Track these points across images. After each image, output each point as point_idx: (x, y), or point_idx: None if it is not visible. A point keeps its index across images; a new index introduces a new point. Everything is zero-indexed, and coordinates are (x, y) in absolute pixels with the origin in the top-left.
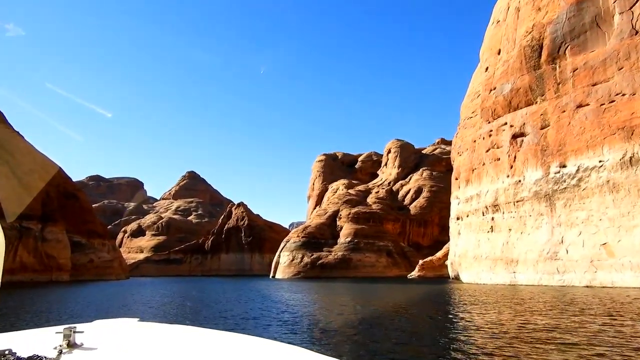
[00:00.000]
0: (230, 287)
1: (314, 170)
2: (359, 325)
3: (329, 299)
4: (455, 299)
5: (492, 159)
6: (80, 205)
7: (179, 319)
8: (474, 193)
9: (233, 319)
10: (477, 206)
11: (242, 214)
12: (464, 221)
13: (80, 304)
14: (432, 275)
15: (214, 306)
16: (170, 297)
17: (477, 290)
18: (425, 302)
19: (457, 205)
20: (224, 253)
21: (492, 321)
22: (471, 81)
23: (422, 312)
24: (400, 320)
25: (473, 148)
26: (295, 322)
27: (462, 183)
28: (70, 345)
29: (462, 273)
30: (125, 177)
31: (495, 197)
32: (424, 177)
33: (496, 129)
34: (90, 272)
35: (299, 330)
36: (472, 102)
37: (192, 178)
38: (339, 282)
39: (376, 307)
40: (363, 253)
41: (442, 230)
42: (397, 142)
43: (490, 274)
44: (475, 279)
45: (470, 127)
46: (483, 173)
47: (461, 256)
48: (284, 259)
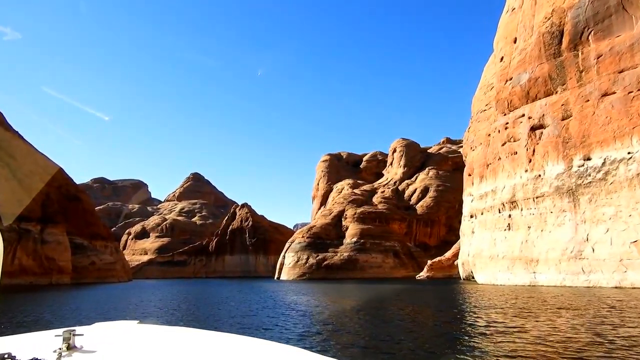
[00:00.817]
0: (235, 289)
1: (319, 171)
2: (384, 339)
3: (339, 304)
4: (478, 301)
5: (509, 153)
6: (82, 207)
7: (180, 321)
8: (489, 189)
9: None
10: (493, 203)
11: (247, 215)
12: (478, 219)
13: (79, 307)
14: (441, 276)
15: (220, 315)
16: (168, 301)
17: (497, 291)
18: (447, 305)
19: (470, 202)
20: (228, 254)
21: (539, 331)
22: (483, 74)
23: (450, 319)
24: (428, 330)
25: (487, 142)
26: (311, 331)
27: (476, 179)
28: (70, 348)
29: (477, 273)
30: (129, 179)
31: (512, 193)
32: (430, 176)
33: (513, 121)
34: (92, 274)
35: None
36: (485, 94)
37: (196, 180)
38: (345, 284)
39: (397, 314)
40: (369, 253)
41: (449, 230)
42: (403, 141)
43: (508, 274)
44: (491, 280)
45: (484, 120)
46: (499, 168)
47: (475, 256)
48: (289, 260)
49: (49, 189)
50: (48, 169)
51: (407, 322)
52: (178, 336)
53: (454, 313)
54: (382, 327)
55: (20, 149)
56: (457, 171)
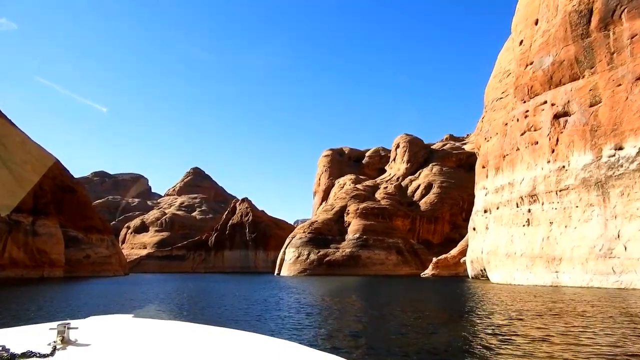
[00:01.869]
0: (233, 286)
1: (320, 166)
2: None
3: (344, 302)
4: (502, 303)
5: (529, 143)
6: (78, 199)
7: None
8: (506, 182)
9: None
10: (510, 197)
11: (247, 210)
12: (493, 214)
13: (72, 301)
14: (447, 274)
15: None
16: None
17: (516, 292)
18: (465, 308)
19: (484, 196)
20: (227, 250)
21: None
22: (498, 61)
23: (479, 325)
24: (449, 337)
25: (504, 132)
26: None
27: (491, 171)
28: (65, 341)
29: (492, 272)
30: (130, 173)
31: (532, 185)
32: (434, 172)
33: (533, 108)
34: (86, 268)
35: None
36: (501, 82)
37: (196, 174)
38: (348, 281)
39: (412, 316)
40: (372, 250)
41: (453, 228)
42: (406, 137)
43: (527, 273)
44: (508, 279)
45: (500, 109)
46: (517, 159)
47: (490, 253)
48: (290, 255)
49: (42, 180)
50: (42, 160)
51: (426, 326)
52: (173, 330)
53: (480, 317)
54: (395, 330)
55: (12, 137)
56: (461, 168)
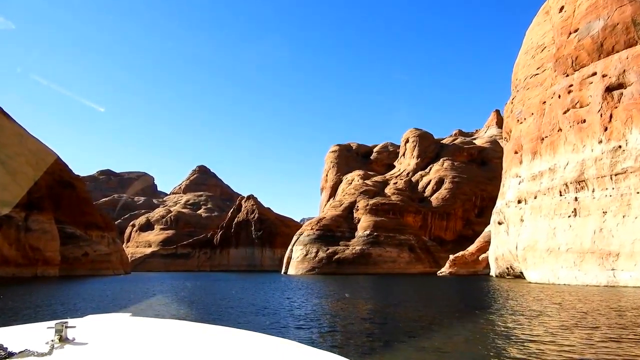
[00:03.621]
0: (237, 286)
1: (327, 161)
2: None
3: (382, 311)
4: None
5: (574, 122)
6: (77, 195)
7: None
8: (546, 168)
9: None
10: (551, 184)
11: (252, 207)
12: (529, 204)
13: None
14: (465, 272)
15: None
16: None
17: (573, 293)
18: (521, 320)
19: (517, 185)
20: (233, 248)
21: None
22: (526, 37)
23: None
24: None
25: (542, 111)
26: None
27: (526, 156)
28: (62, 340)
29: (529, 270)
30: (136, 172)
31: (580, 170)
32: (445, 167)
33: (579, 82)
34: (84, 266)
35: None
36: (534, 58)
37: (202, 172)
38: (360, 280)
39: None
40: (383, 247)
41: (466, 224)
42: (416, 131)
43: (575, 271)
44: (550, 278)
45: (536, 86)
46: (559, 141)
47: (527, 249)
48: (297, 253)
49: (37, 174)
50: (39, 154)
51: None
52: (172, 329)
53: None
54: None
55: (5, 129)
56: (473, 163)
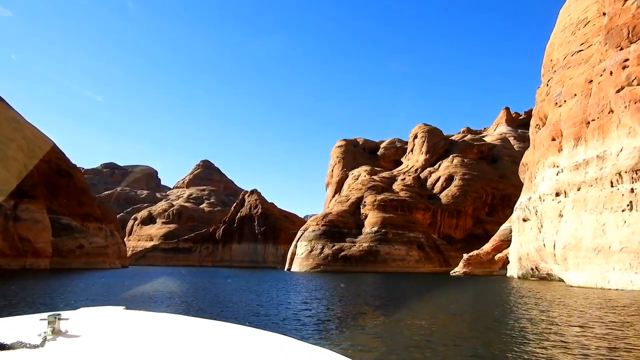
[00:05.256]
0: (242, 284)
1: (333, 156)
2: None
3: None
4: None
5: (630, 101)
6: (75, 185)
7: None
8: (593, 155)
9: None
10: (600, 174)
11: (256, 202)
12: (571, 197)
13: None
14: (481, 273)
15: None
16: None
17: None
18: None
19: (555, 175)
20: (236, 243)
21: None
22: (561, 16)
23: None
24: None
25: (587, 91)
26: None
27: (567, 143)
28: (55, 332)
29: (570, 272)
30: (140, 165)
31: (638, 157)
32: (455, 164)
33: (637, 56)
34: (79, 259)
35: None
36: (575, 34)
37: (206, 167)
38: (370, 279)
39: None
40: (392, 245)
41: (476, 223)
42: (425, 127)
43: (631, 274)
44: (599, 282)
45: (579, 64)
46: (611, 124)
47: (568, 248)
48: (302, 249)
49: (30, 161)
50: (34, 140)
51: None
52: (165, 322)
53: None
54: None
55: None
56: (483, 160)
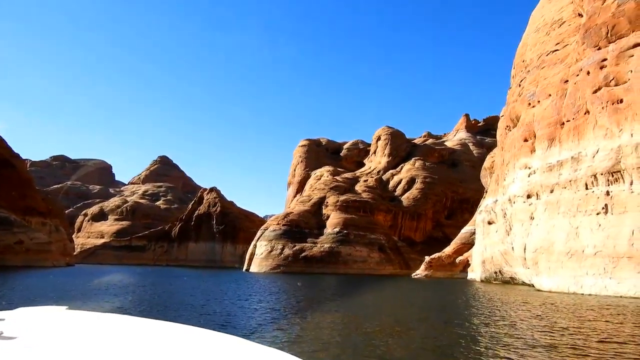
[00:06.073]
0: (193, 285)
1: (296, 156)
2: None
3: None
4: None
5: (608, 102)
6: (18, 176)
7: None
8: (567, 156)
9: None
10: (574, 175)
11: (215, 200)
12: (544, 199)
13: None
14: (442, 275)
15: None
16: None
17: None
18: None
19: (527, 177)
20: (192, 242)
21: None
22: (533, 17)
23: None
24: None
25: (563, 92)
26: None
27: (541, 144)
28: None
29: (542, 276)
30: (93, 159)
31: (614, 159)
32: (417, 167)
33: (616, 55)
34: (18, 256)
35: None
36: (549, 34)
37: (164, 163)
38: (332, 281)
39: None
40: (353, 246)
41: (436, 226)
42: (388, 130)
43: (606, 279)
44: (572, 287)
45: (555, 64)
46: (586, 125)
47: (539, 251)
48: (261, 249)
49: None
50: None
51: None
52: (108, 322)
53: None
54: None
55: None
56: (444, 164)
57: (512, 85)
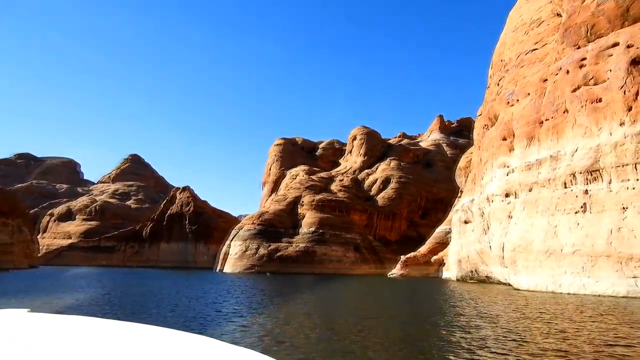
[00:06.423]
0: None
1: (271, 155)
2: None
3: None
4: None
5: (587, 101)
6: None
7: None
8: (546, 155)
9: None
10: (553, 174)
11: (188, 199)
12: (522, 198)
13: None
14: (418, 274)
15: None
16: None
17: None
18: None
19: (506, 175)
20: (164, 242)
21: None
22: (511, 17)
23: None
24: None
25: (542, 91)
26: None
27: (520, 142)
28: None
29: (520, 275)
30: (59, 157)
31: (593, 157)
32: (392, 167)
33: (595, 54)
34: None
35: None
36: (528, 34)
37: (135, 162)
38: (309, 281)
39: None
40: (329, 246)
41: (410, 225)
42: (364, 129)
43: (584, 278)
44: (550, 285)
45: (534, 62)
46: (566, 124)
47: (517, 250)
48: (235, 249)
49: None
50: None
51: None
52: (71, 325)
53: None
54: None
55: None
56: (418, 164)
57: (489, 84)
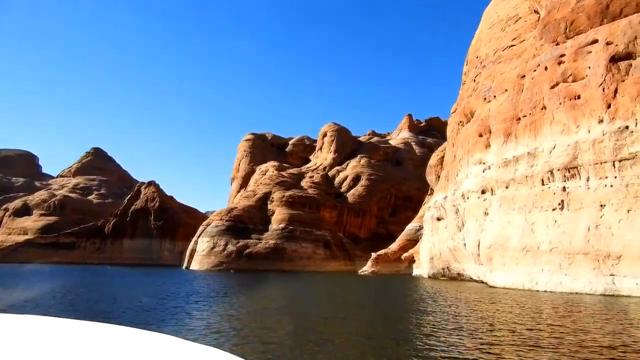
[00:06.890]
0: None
1: (240, 150)
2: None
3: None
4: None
5: (565, 98)
6: None
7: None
8: (523, 152)
9: None
10: (530, 171)
11: (153, 195)
12: (498, 195)
13: None
14: (388, 272)
15: None
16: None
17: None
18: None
19: (482, 172)
20: (127, 238)
21: None
22: (486, 14)
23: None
24: None
25: (519, 87)
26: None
27: (497, 139)
28: None
29: (496, 272)
30: (16, 149)
31: (571, 155)
32: (362, 164)
33: (574, 51)
34: None
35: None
36: (505, 30)
37: (97, 155)
38: (278, 279)
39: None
40: (299, 242)
41: (380, 222)
42: (334, 126)
43: (561, 275)
44: (526, 283)
45: (511, 59)
46: (543, 121)
47: (494, 247)
48: (203, 246)
49: None
50: None
51: None
52: (26, 324)
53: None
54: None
55: None
56: (388, 162)
57: (464, 80)
